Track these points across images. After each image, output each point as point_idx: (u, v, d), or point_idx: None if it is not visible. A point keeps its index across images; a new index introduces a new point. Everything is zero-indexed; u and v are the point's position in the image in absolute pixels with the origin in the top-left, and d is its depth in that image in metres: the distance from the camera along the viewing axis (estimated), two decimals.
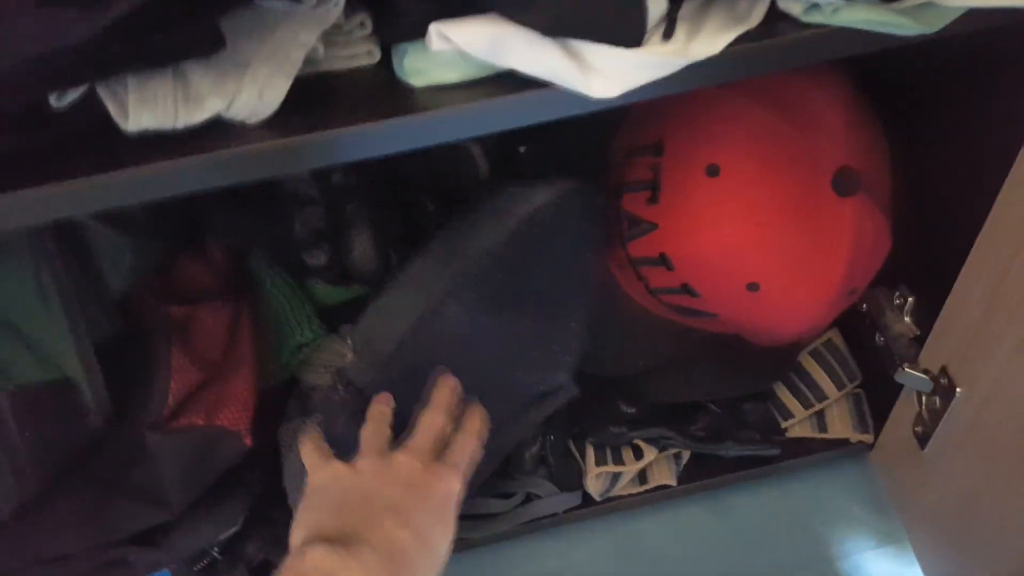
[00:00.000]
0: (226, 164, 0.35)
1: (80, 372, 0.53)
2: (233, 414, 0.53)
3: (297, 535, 0.43)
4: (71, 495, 0.53)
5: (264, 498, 0.60)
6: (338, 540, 0.40)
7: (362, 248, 0.59)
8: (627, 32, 0.34)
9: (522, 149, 0.67)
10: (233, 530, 0.59)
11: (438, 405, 0.48)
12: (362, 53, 0.39)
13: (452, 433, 0.47)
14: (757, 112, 0.51)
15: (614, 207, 0.56)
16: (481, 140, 0.66)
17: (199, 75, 0.34)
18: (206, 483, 0.54)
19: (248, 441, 0.54)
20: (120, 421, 0.54)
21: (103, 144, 0.35)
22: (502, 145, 0.68)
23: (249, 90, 0.34)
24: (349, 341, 0.56)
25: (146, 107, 0.33)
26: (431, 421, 0.48)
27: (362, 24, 0.38)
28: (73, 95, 0.34)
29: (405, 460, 0.45)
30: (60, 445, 0.53)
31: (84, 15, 0.28)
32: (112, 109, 0.34)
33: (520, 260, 0.50)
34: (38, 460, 0.51)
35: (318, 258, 0.60)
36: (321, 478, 0.46)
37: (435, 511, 0.44)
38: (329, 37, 0.37)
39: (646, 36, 0.35)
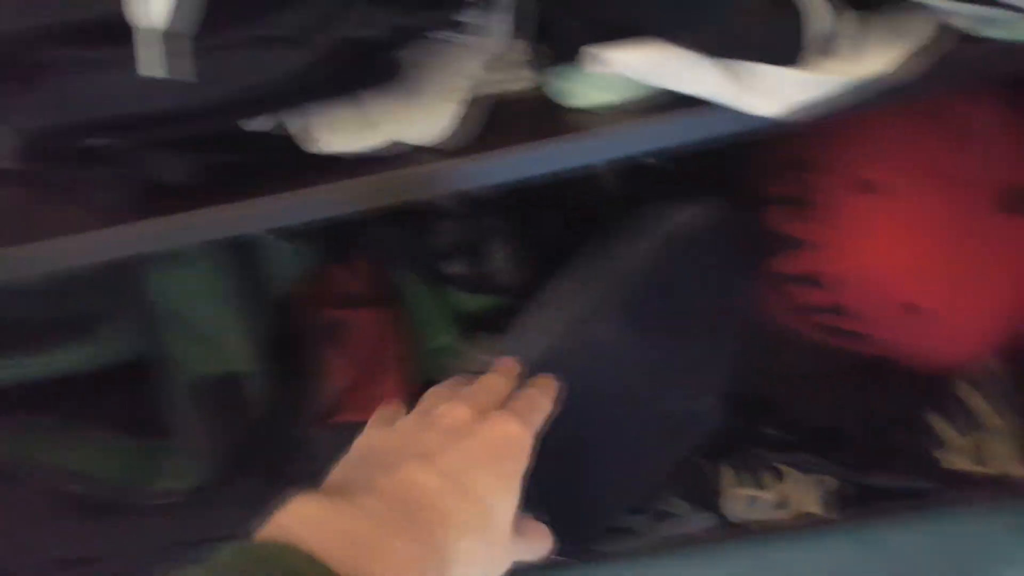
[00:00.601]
0: (400, 184, 0.38)
1: (249, 367, 0.58)
2: None
3: None
4: (238, 481, 0.58)
5: None
6: (338, 491, 0.33)
7: (499, 259, 0.61)
8: (788, 52, 0.34)
9: (653, 162, 0.68)
10: None
11: (501, 368, 0.43)
12: (520, 78, 0.40)
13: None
14: (916, 127, 0.48)
15: (758, 223, 0.55)
16: None
17: (377, 103, 0.37)
18: None
19: None
20: (282, 414, 0.59)
21: (290, 165, 0.39)
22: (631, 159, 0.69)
23: (422, 116, 0.37)
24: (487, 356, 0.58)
25: (330, 133, 0.37)
26: (489, 378, 0.42)
27: (521, 51, 0.40)
28: (265, 121, 0.38)
29: (449, 408, 0.37)
30: (231, 434, 0.58)
31: (291, 53, 0.32)
32: (299, 134, 0.37)
33: (668, 280, 0.50)
34: (212, 447, 0.57)
35: (457, 268, 0.63)
36: (356, 443, 0.39)
37: (480, 456, 0.35)
38: (491, 64, 0.39)
39: (810, 54, 0.35)
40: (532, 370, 0.54)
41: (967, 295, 0.49)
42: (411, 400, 0.61)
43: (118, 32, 0.32)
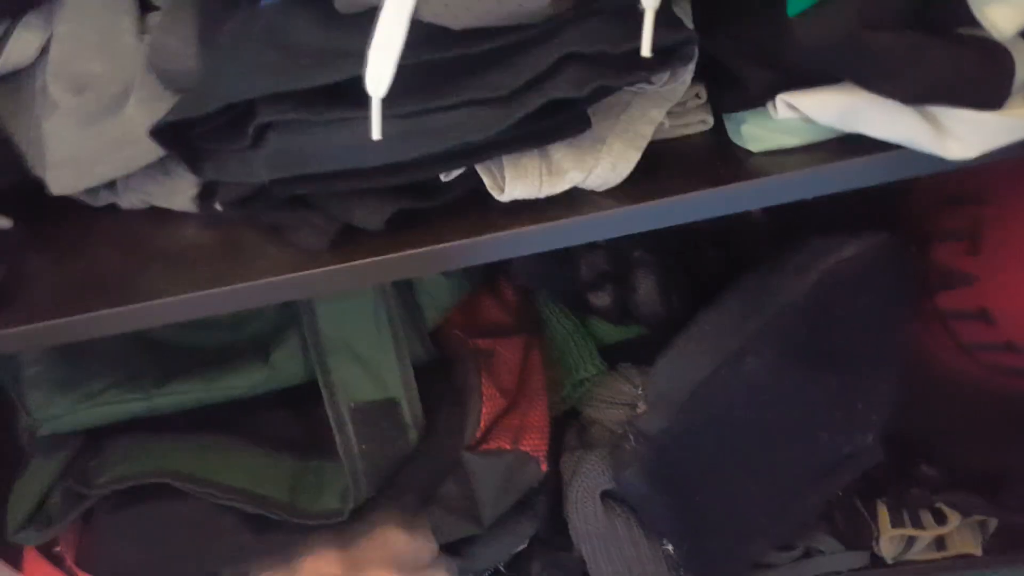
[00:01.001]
0: (579, 227, 0.39)
1: (402, 392, 0.60)
2: (534, 441, 0.58)
3: None
4: (393, 503, 0.61)
5: (547, 521, 0.65)
6: None
7: (646, 290, 0.62)
8: (993, 96, 0.34)
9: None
10: (521, 547, 0.64)
11: None
12: (696, 121, 0.41)
13: None
14: None
15: (920, 257, 0.53)
16: None
17: (561, 151, 0.39)
18: (508, 503, 0.59)
19: (544, 467, 0.58)
20: (432, 439, 0.61)
21: (478, 210, 0.41)
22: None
23: (604, 164, 0.38)
24: (640, 390, 0.59)
25: (518, 181, 0.39)
26: None
27: (697, 95, 0.41)
28: (457, 171, 0.40)
29: None
30: (386, 456, 0.61)
31: (499, 113, 0.34)
32: (488, 182, 0.39)
33: (824, 315, 0.50)
34: (370, 467, 0.60)
35: (602, 299, 0.64)
36: None
37: None
38: (672, 108, 0.40)
39: (1013, 99, 0.34)
40: (683, 403, 0.54)
41: None
42: (553, 428, 0.63)
43: (338, 94, 0.35)
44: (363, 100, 0.33)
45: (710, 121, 0.41)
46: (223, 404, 0.61)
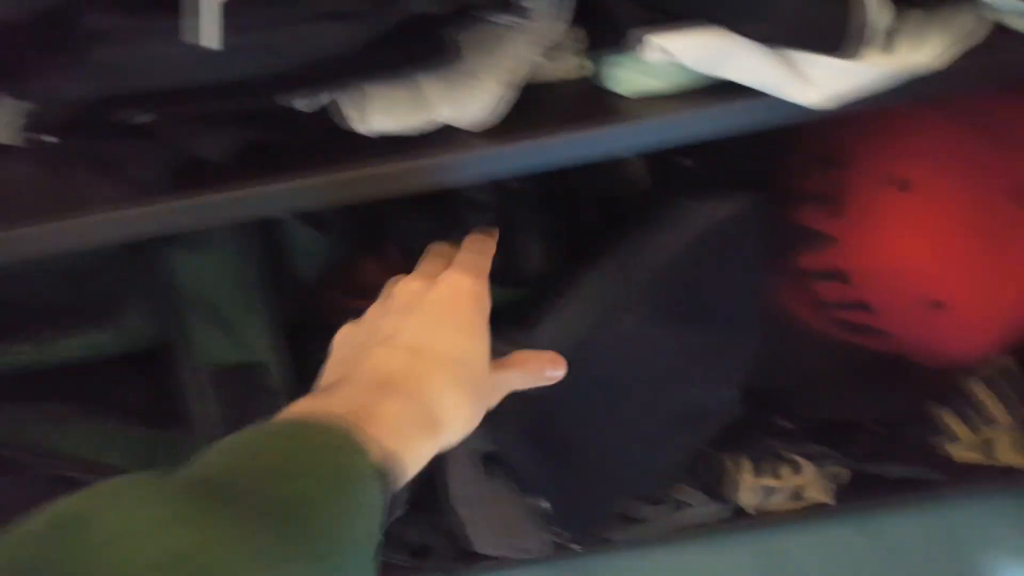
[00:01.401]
0: (449, 167, 0.38)
1: (270, 356, 0.57)
2: None
3: None
4: None
5: (425, 487, 0.63)
6: (323, 391, 0.36)
7: (532, 252, 0.61)
8: (848, 44, 0.34)
9: (688, 162, 0.68)
10: (397, 514, 0.62)
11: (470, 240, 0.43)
12: (574, 65, 0.40)
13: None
14: (949, 125, 0.49)
15: (785, 218, 0.55)
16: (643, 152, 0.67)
17: (431, 84, 0.37)
18: None
19: None
20: None
21: (341, 145, 0.38)
22: (664, 157, 0.69)
23: (476, 99, 0.37)
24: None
25: (384, 113, 0.36)
26: (435, 248, 0.43)
27: (576, 38, 0.40)
28: (318, 100, 0.37)
29: (401, 287, 0.39)
30: (251, 423, 0.57)
31: (352, 28, 0.31)
32: (351, 114, 0.37)
33: (695, 273, 0.51)
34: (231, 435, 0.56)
35: None
36: (333, 342, 0.40)
37: (436, 317, 0.37)
38: (542, 48, 0.39)
39: (867, 47, 0.35)
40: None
41: (990, 292, 0.50)
42: None
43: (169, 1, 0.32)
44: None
45: (589, 66, 0.41)
46: (67, 369, 0.56)
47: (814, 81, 0.36)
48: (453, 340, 0.37)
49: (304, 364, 0.58)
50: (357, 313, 0.60)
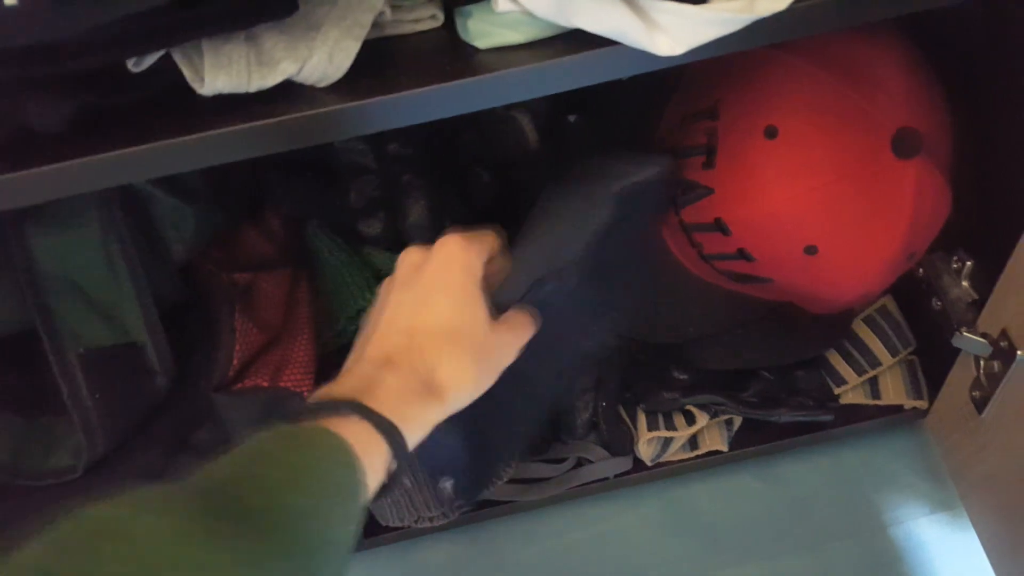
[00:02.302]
0: (297, 127, 0.36)
1: (145, 335, 0.54)
2: (296, 376, 0.55)
3: None
4: (138, 453, 0.55)
5: None
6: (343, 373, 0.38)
7: (418, 216, 0.60)
8: None
9: (572, 118, 0.67)
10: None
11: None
12: (426, 17, 0.39)
13: None
14: (815, 73, 0.50)
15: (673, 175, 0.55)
16: (530, 110, 0.66)
17: (272, 39, 0.35)
18: None
19: None
20: (184, 383, 0.56)
21: (179, 108, 0.36)
22: (550, 114, 0.68)
23: (320, 53, 0.35)
24: None
25: (221, 71, 0.34)
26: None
27: None
28: (150, 59, 0.35)
29: (402, 258, 0.42)
30: (127, 406, 0.55)
31: None
32: (187, 73, 0.35)
33: (611, 237, 0.50)
34: (107, 420, 0.53)
35: (373, 227, 0.61)
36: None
37: (431, 287, 0.40)
38: (395, 1, 0.38)
39: None
40: None
41: (862, 236, 0.52)
42: (324, 364, 0.60)
43: None
44: None
45: (440, 17, 0.39)
46: None
47: (665, 29, 0.35)
48: (448, 311, 0.39)
49: (185, 340, 0.56)
50: (236, 286, 0.58)
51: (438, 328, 0.39)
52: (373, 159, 0.61)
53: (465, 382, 0.39)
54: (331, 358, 0.62)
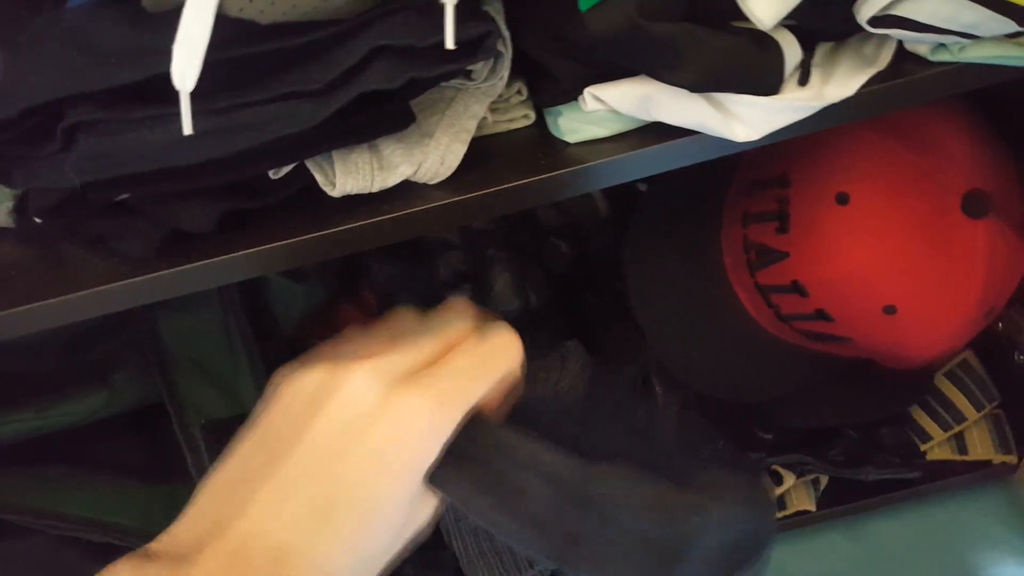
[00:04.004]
0: (414, 220, 0.40)
1: None
2: None
3: None
4: None
5: None
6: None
7: (502, 287, 0.64)
8: (767, 82, 0.38)
9: (641, 187, 0.71)
10: None
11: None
12: (519, 116, 0.44)
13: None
14: (881, 141, 0.52)
15: (740, 237, 0.58)
16: None
17: (390, 147, 0.40)
18: None
19: None
20: None
21: (311, 207, 0.41)
22: (620, 184, 0.72)
23: (433, 157, 0.40)
24: None
25: (349, 176, 0.39)
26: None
27: (519, 91, 0.43)
28: (287, 168, 0.40)
29: (359, 377, 0.31)
30: None
31: (313, 106, 0.34)
32: (319, 178, 0.40)
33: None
34: None
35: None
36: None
37: (369, 461, 0.28)
38: (492, 104, 0.42)
39: (784, 84, 0.38)
40: None
41: (939, 294, 0.53)
42: None
43: (149, 92, 0.35)
44: (174, 97, 0.33)
45: (532, 116, 0.44)
46: (63, 432, 0.58)
47: (740, 118, 0.39)
48: (373, 498, 0.29)
49: None
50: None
51: (320, 521, 0.27)
52: (458, 235, 0.65)
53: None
54: None
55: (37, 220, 0.43)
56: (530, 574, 0.65)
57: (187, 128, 0.32)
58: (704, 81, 0.36)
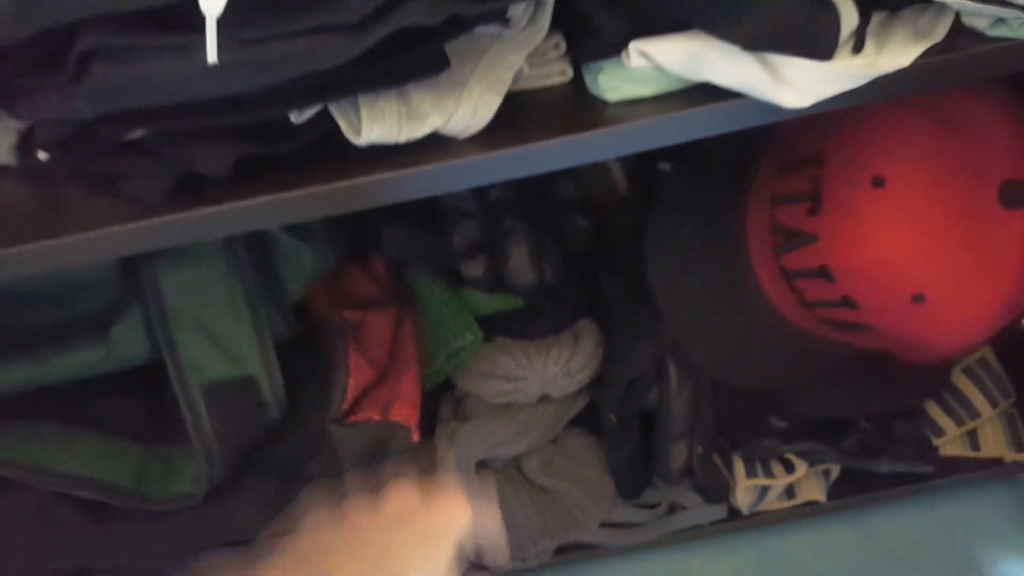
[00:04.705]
0: (441, 174, 0.38)
1: (261, 369, 0.57)
2: (404, 411, 0.57)
3: None
4: (253, 483, 0.58)
5: None
6: None
7: (518, 259, 0.62)
8: (822, 46, 0.36)
9: (664, 166, 0.69)
10: None
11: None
12: (556, 72, 0.42)
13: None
14: (921, 123, 0.51)
15: (768, 220, 0.56)
16: (621, 157, 0.68)
17: (419, 95, 0.38)
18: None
19: (416, 437, 0.57)
20: (297, 416, 0.58)
21: (333, 156, 0.39)
22: (641, 162, 0.70)
23: (465, 107, 0.38)
24: (517, 363, 0.61)
25: (375, 123, 0.37)
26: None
27: (556, 45, 0.41)
28: (310, 112, 0.38)
29: (396, 491, 0.41)
30: (243, 436, 0.57)
31: (346, 41, 0.32)
32: (343, 125, 0.38)
33: None
34: (226, 449, 0.56)
35: (475, 269, 0.64)
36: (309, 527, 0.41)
37: (424, 550, 0.38)
38: (528, 58, 0.40)
39: (838, 50, 0.36)
40: None
41: (969, 285, 0.52)
42: (427, 401, 0.62)
43: (170, 19, 0.32)
44: (198, 25, 0.30)
45: (570, 72, 0.42)
46: (59, 388, 0.56)
47: (791, 83, 0.37)
48: None
49: (293, 376, 0.58)
50: (348, 324, 0.61)
51: None
52: (475, 204, 0.63)
53: None
54: (429, 396, 0.64)
55: (42, 156, 0.41)
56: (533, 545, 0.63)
57: (212, 56, 0.30)
58: (760, 39, 0.34)
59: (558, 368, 0.63)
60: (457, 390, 0.66)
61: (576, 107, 0.40)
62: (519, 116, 0.40)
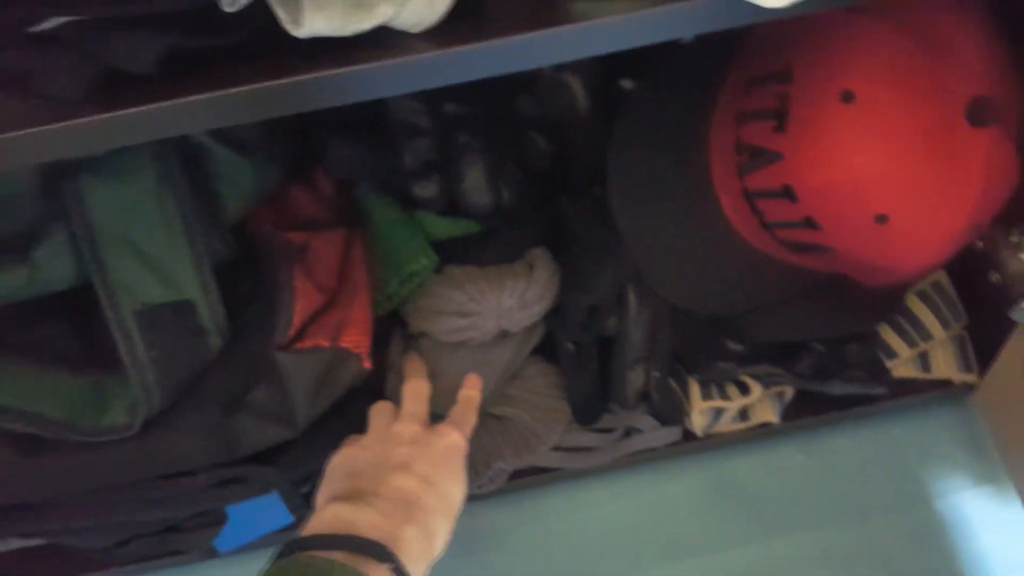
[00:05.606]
0: (392, 72, 0.35)
1: (199, 293, 0.54)
2: (355, 338, 0.54)
3: (318, 503, 0.50)
4: (194, 412, 0.55)
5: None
6: (352, 498, 0.47)
7: (474, 179, 0.59)
8: None
9: (626, 84, 0.66)
10: None
11: (413, 373, 0.59)
12: None
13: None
14: (891, 37, 0.49)
15: (732, 139, 0.55)
16: (582, 74, 0.65)
17: None
18: (326, 405, 0.55)
19: (368, 364, 0.55)
20: (238, 343, 0.55)
21: (270, 52, 0.35)
22: (603, 78, 0.67)
23: None
24: (469, 298, 0.60)
25: (319, 12, 0.33)
26: (414, 387, 0.57)
27: None
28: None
29: (404, 426, 0.53)
30: (181, 363, 0.54)
31: None
32: (282, 15, 0.34)
33: None
34: (163, 377, 0.53)
35: (428, 189, 0.60)
36: (335, 461, 0.53)
37: (441, 461, 0.51)
38: None
39: None
40: None
41: (932, 207, 0.51)
42: (377, 327, 0.59)
43: None
44: None
45: None
46: None
47: None
48: (451, 485, 0.52)
49: (235, 301, 0.55)
50: (292, 245, 0.57)
51: (445, 496, 0.50)
52: (428, 119, 0.60)
53: (442, 549, 0.49)
54: (380, 323, 0.62)
55: None
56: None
57: None
58: None
59: (513, 300, 0.61)
60: (408, 329, 0.63)
61: (542, 2, 0.37)
62: (479, 10, 0.37)
